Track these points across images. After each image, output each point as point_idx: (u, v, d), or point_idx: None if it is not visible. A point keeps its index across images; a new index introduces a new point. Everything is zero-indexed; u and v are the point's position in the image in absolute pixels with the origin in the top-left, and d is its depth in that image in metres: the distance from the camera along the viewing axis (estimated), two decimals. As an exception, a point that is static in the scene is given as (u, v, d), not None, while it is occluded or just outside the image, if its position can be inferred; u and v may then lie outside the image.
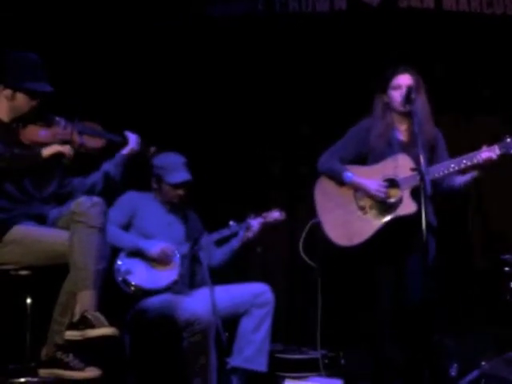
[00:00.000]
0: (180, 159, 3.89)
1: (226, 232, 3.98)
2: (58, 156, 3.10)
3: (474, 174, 3.59)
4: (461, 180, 3.64)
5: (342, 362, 4.08)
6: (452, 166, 3.55)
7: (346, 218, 3.68)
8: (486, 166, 3.51)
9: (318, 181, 3.83)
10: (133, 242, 3.76)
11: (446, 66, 4.58)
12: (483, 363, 3.65)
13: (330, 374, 3.92)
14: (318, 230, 3.79)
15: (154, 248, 3.75)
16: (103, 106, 4.27)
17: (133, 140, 3.42)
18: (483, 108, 4.64)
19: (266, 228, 4.00)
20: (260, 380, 3.77)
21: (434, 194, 3.44)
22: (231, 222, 3.98)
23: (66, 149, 3.11)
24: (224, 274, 3.97)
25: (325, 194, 3.79)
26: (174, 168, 3.85)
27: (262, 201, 4.69)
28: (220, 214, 4.19)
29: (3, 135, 3.13)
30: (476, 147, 3.55)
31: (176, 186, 3.86)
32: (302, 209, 4.44)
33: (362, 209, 3.69)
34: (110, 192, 3.35)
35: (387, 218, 3.61)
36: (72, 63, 4.43)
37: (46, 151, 3.09)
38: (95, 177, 3.36)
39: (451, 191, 3.68)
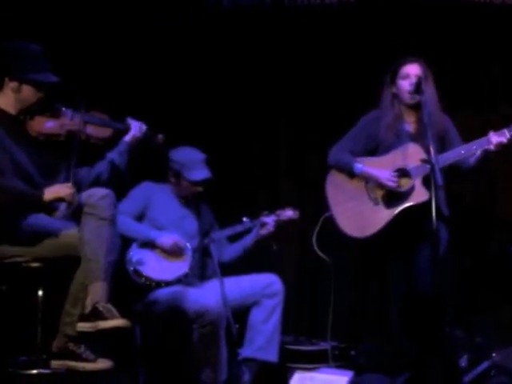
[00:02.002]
0: (200, 156, 3.90)
1: (239, 228, 3.98)
2: (58, 200, 3.04)
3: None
4: (473, 158, 3.60)
5: (352, 353, 4.07)
6: (462, 152, 3.54)
7: (359, 210, 3.67)
8: (497, 150, 3.49)
9: (329, 174, 3.82)
10: (145, 233, 3.78)
11: (456, 57, 4.56)
12: (494, 354, 3.64)
13: (340, 366, 3.91)
14: (330, 224, 3.78)
15: (167, 239, 3.76)
16: (112, 102, 4.26)
17: (135, 126, 3.37)
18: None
19: (279, 225, 3.99)
20: (270, 371, 3.77)
21: (450, 180, 3.43)
22: (245, 219, 3.97)
23: (67, 194, 3.02)
24: (235, 269, 3.96)
25: (336, 186, 3.78)
26: (194, 165, 3.86)
27: (272, 196, 4.70)
28: (230, 211, 4.19)
29: (10, 128, 3.12)
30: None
31: (196, 183, 3.87)
32: (314, 203, 4.43)
33: (374, 199, 3.67)
34: (116, 182, 3.31)
35: (400, 208, 3.58)
36: (77, 61, 4.42)
37: (48, 196, 3.02)
38: (100, 166, 3.31)
39: (469, 171, 3.64)
